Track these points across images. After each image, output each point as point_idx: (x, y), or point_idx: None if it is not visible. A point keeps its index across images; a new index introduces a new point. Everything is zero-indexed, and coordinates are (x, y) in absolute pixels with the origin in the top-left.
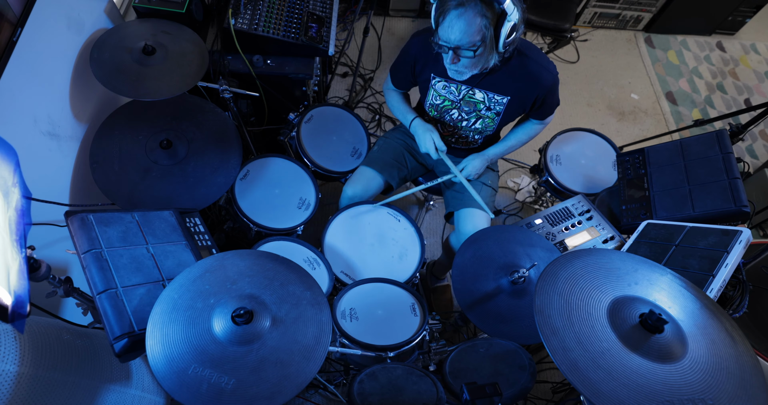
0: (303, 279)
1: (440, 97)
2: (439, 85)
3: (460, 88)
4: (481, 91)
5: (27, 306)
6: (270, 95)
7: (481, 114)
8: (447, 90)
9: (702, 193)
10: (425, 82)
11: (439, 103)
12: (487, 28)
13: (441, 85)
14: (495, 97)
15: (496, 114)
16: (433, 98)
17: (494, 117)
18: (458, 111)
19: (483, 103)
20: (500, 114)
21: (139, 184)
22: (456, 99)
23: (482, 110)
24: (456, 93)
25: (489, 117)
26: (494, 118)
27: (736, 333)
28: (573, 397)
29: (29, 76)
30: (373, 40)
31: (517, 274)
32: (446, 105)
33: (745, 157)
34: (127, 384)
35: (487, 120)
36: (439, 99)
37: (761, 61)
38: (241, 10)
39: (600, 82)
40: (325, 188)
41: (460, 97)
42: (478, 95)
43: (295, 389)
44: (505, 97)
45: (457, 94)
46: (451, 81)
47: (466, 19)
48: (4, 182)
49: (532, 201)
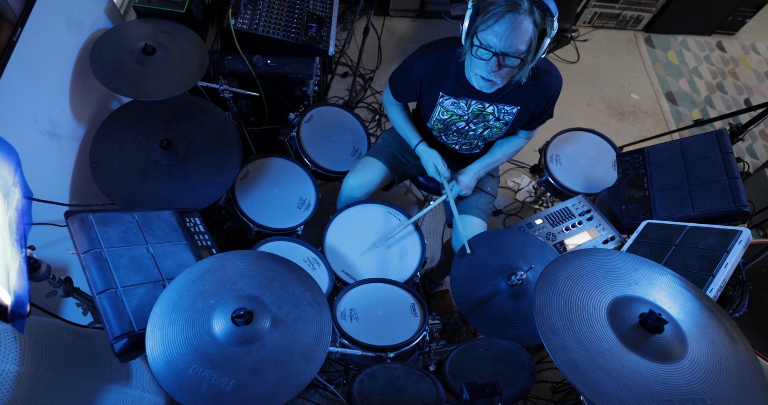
0: (303, 279)
1: (447, 112)
2: (447, 103)
3: (470, 103)
4: (492, 104)
5: (27, 306)
6: (270, 95)
7: (489, 124)
8: (456, 106)
9: (702, 193)
10: (431, 101)
11: (446, 118)
12: (534, 39)
13: (449, 103)
14: (505, 107)
15: (505, 123)
16: (439, 114)
17: (502, 126)
18: (466, 123)
19: (492, 115)
20: (509, 123)
21: (139, 184)
22: (465, 113)
23: (491, 121)
24: (465, 108)
25: (497, 127)
26: (502, 127)
27: (736, 333)
28: (573, 397)
29: (29, 76)
30: (373, 40)
31: (514, 277)
32: (453, 119)
33: (745, 157)
34: (127, 384)
35: (495, 129)
36: (446, 114)
37: (761, 61)
38: (241, 10)
39: (600, 82)
40: (325, 188)
41: (470, 111)
42: (489, 109)
43: (295, 390)
44: (516, 107)
45: (467, 108)
46: (461, 98)
47: (522, 25)
48: (4, 182)
49: (532, 201)
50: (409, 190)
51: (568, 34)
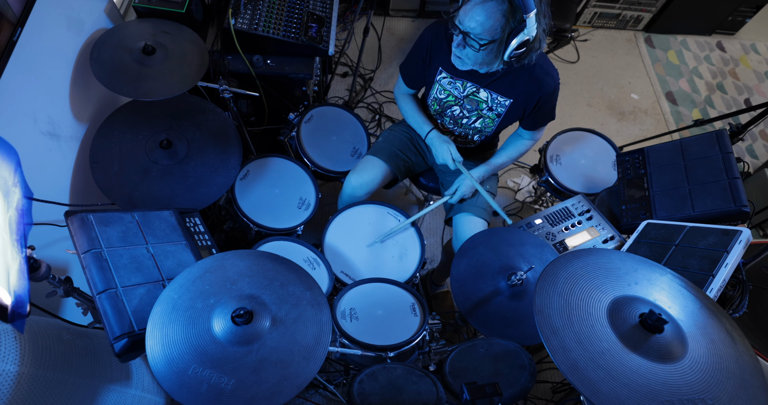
0: (303, 279)
1: (444, 92)
2: (444, 81)
3: (466, 85)
4: (486, 90)
5: (27, 306)
6: (270, 95)
7: (482, 113)
8: (452, 86)
9: (702, 193)
10: (431, 76)
11: (443, 97)
12: (502, 30)
13: (447, 81)
14: (498, 98)
15: (497, 115)
16: (437, 92)
17: (495, 118)
18: (460, 108)
19: (486, 103)
20: (501, 115)
21: (139, 184)
22: (460, 96)
23: (484, 110)
24: (461, 89)
25: (490, 117)
26: (495, 118)
27: (736, 333)
28: (573, 397)
29: (29, 76)
30: (373, 40)
31: (514, 277)
32: (449, 101)
33: (745, 157)
34: (127, 384)
35: (488, 120)
36: (443, 93)
37: (761, 61)
38: (241, 10)
39: (600, 82)
40: (325, 188)
41: (465, 94)
42: (482, 94)
43: (295, 389)
44: (508, 100)
45: (462, 90)
46: (457, 77)
47: (487, 11)
48: (4, 182)
49: (532, 201)
50: (409, 190)
51: (568, 34)
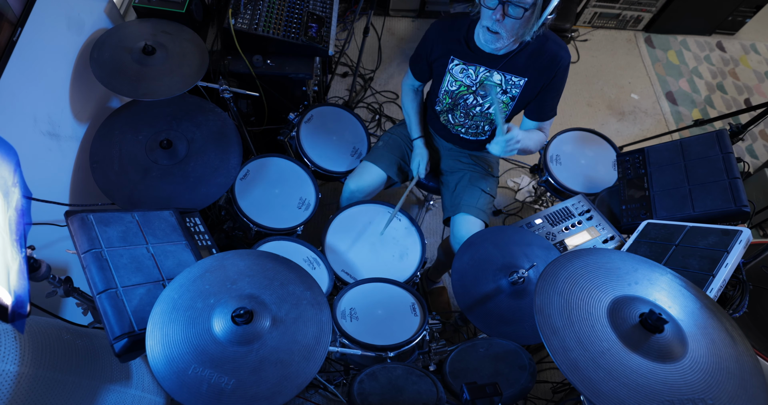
0: (303, 279)
1: (456, 83)
2: (456, 69)
3: (479, 70)
4: (500, 72)
5: (27, 306)
6: (270, 95)
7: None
8: (464, 73)
9: (702, 193)
10: (442, 67)
11: (455, 89)
12: None
13: (459, 69)
14: (512, 78)
15: (511, 98)
16: (448, 84)
17: (509, 101)
18: (473, 95)
19: (500, 86)
20: (515, 98)
21: (139, 184)
22: (472, 83)
23: (498, 94)
24: (473, 76)
25: (503, 102)
26: (509, 102)
27: (736, 333)
28: (573, 397)
29: (29, 76)
30: (373, 40)
31: (516, 275)
32: (462, 91)
33: (745, 157)
34: (127, 384)
35: (501, 105)
36: (455, 85)
37: (761, 61)
38: (241, 10)
39: (600, 82)
40: (325, 188)
41: (477, 80)
42: (496, 77)
43: (295, 389)
44: (523, 79)
45: (474, 77)
46: (470, 63)
47: None
48: (4, 182)
49: (532, 201)
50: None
51: (568, 34)
